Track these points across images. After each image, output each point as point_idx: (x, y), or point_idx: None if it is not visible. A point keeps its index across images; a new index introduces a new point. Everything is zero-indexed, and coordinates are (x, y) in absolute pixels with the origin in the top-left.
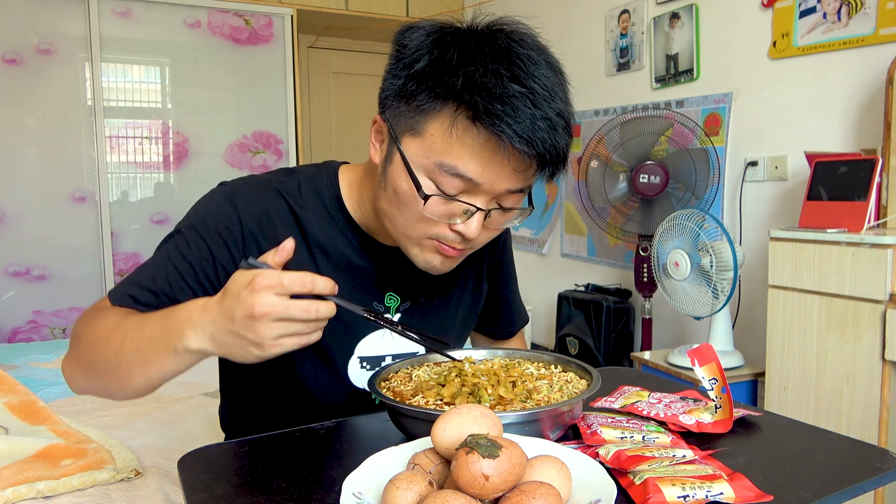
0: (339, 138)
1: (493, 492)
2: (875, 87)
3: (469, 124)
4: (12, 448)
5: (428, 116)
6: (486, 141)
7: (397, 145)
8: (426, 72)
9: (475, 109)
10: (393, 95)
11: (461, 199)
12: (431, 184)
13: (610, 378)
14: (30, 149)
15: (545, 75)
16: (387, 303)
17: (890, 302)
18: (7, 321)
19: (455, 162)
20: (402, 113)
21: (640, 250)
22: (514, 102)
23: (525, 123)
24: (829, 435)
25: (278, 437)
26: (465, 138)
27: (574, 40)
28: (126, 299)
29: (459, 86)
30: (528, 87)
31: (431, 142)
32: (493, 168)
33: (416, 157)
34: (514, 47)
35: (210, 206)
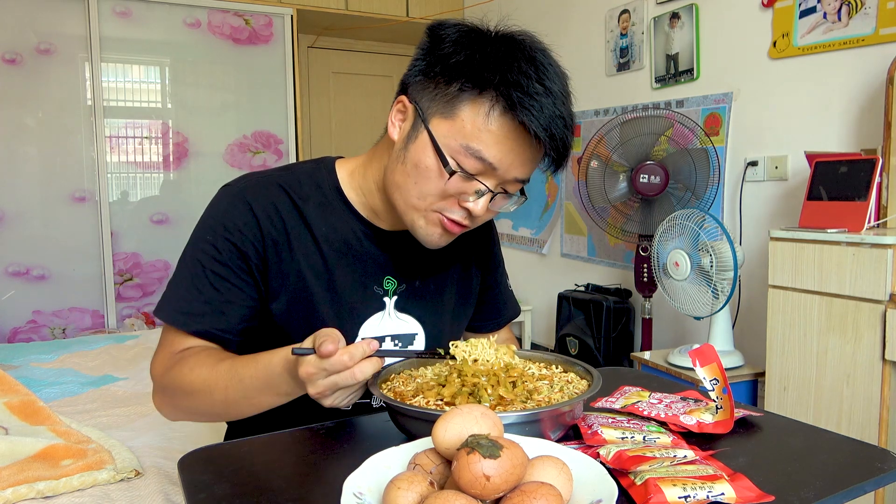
0: (339, 138)
1: (494, 492)
2: (875, 87)
3: (502, 113)
4: (12, 448)
5: (463, 103)
6: (512, 130)
7: (426, 125)
8: (466, 64)
9: (510, 101)
10: (424, 80)
11: (478, 179)
12: (453, 162)
13: (610, 378)
14: (30, 149)
15: (560, 82)
16: (385, 286)
17: (890, 302)
18: (7, 321)
19: (481, 146)
20: (433, 97)
21: (640, 250)
22: (540, 100)
23: (548, 118)
24: (830, 435)
25: (278, 437)
26: (494, 126)
27: (574, 40)
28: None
29: (498, 80)
30: (549, 89)
31: (461, 125)
32: (511, 155)
33: (444, 136)
34: (538, 55)
35: (224, 208)
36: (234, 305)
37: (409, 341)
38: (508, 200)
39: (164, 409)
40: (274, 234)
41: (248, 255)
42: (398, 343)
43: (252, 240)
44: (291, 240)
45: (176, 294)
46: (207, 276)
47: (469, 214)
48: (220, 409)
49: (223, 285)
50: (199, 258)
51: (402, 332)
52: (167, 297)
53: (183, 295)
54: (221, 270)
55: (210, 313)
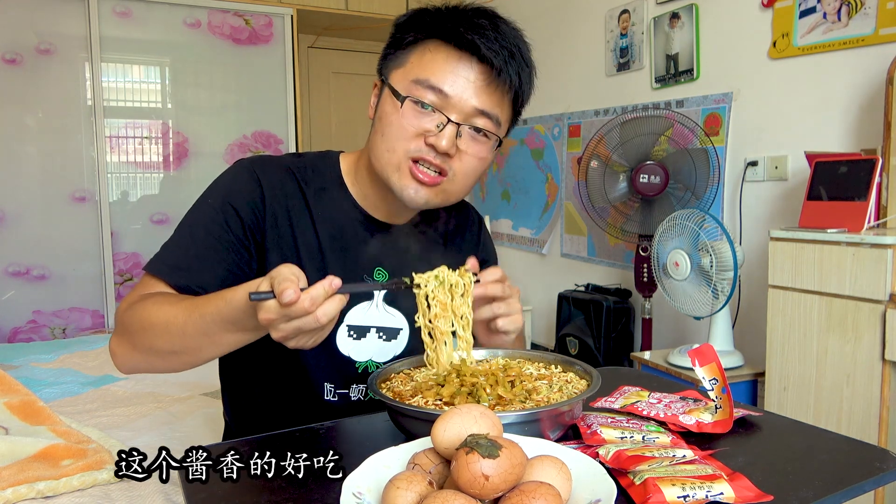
0: (339, 138)
1: (493, 492)
2: (875, 87)
3: (441, 43)
4: (12, 448)
5: (410, 50)
6: (457, 56)
7: (386, 81)
8: (413, 18)
9: (447, 33)
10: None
11: (436, 108)
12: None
13: (610, 378)
14: (30, 149)
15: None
16: (375, 277)
17: (890, 302)
18: (7, 321)
19: (427, 75)
20: (391, 59)
21: (640, 250)
22: (481, 31)
23: (489, 42)
24: (829, 435)
25: (278, 437)
26: (437, 55)
27: (574, 40)
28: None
29: (440, 21)
30: (495, 24)
31: (411, 66)
32: (461, 80)
33: (398, 83)
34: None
35: (234, 177)
36: (220, 266)
37: (393, 335)
38: (481, 141)
39: (120, 351)
40: (276, 208)
41: (245, 220)
42: (382, 335)
43: (253, 207)
44: (292, 217)
45: (165, 250)
46: (201, 238)
47: (436, 151)
48: (178, 344)
49: (214, 248)
50: (197, 218)
51: (388, 325)
52: (158, 253)
53: (172, 252)
54: (217, 232)
55: (195, 269)
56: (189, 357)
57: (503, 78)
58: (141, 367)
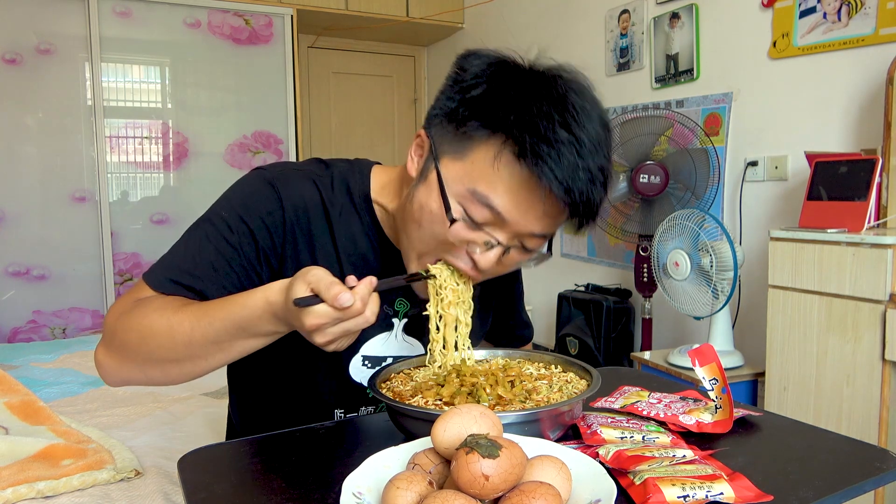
0: (339, 138)
1: (493, 492)
2: (875, 87)
3: (513, 159)
4: (12, 448)
5: (474, 143)
6: (526, 179)
7: (436, 164)
8: (481, 100)
9: (521, 146)
10: (442, 115)
11: (485, 230)
12: (460, 209)
13: (610, 378)
14: (30, 149)
15: (595, 129)
16: (396, 307)
17: (890, 302)
18: (7, 321)
19: (489, 192)
20: (448, 134)
21: (640, 250)
22: (559, 148)
23: (566, 170)
24: (830, 435)
25: (278, 437)
26: (504, 172)
27: (574, 40)
28: (169, 285)
29: (511, 120)
30: (577, 137)
31: (471, 168)
32: (524, 207)
33: (452, 180)
34: (570, 95)
35: (252, 190)
36: (224, 291)
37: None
38: (525, 256)
39: (109, 362)
40: (296, 229)
41: (260, 243)
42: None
43: (271, 229)
44: (314, 237)
45: (170, 261)
46: (209, 252)
47: (475, 265)
48: (182, 352)
49: (223, 266)
50: (207, 231)
51: (405, 354)
52: (159, 262)
53: (177, 265)
54: (226, 251)
55: (195, 289)
56: (192, 366)
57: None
58: (134, 378)
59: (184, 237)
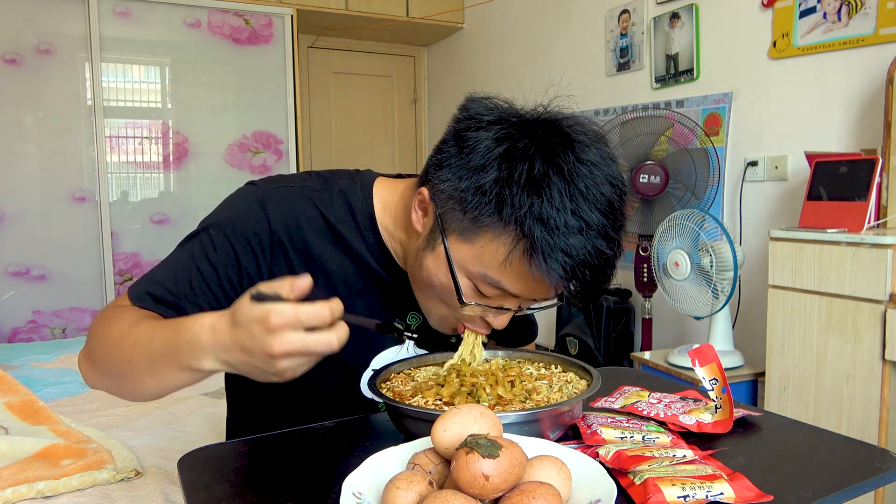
0: (339, 138)
1: (493, 492)
2: (875, 87)
3: (524, 256)
4: (12, 448)
5: (483, 230)
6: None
7: (444, 242)
8: (491, 190)
9: (533, 244)
10: (450, 195)
11: (495, 306)
12: (470, 284)
13: (610, 378)
14: (30, 149)
15: (606, 202)
16: (408, 321)
17: (890, 302)
18: (7, 321)
19: (500, 278)
20: (455, 216)
21: (640, 250)
22: (570, 240)
23: (576, 262)
24: (829, 435)
25: (278, 437)
26: (517, 265)
27: (574, 40)
28: (145, 298)
29: (522, 215)
30: (588, 222)
31: (481, 254)
32: (534, 287)
33: (462, 260)
34: (581, 170)
35: (240, 209)
36: (198, 309)
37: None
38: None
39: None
40: (289, 249)
41: (243, 265)
42: None
43: (256, 252)
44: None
45: (153, 274)
46: (190, 270)
47: (488, 326)
48: (125, 369)
49: (200, 286)
50: (193, 248)
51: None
52: (145, 275)
53: (159, 280)
54: (207, 270)
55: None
56: (132, 386)
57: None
58: (100, 384)
59: (173, 252)
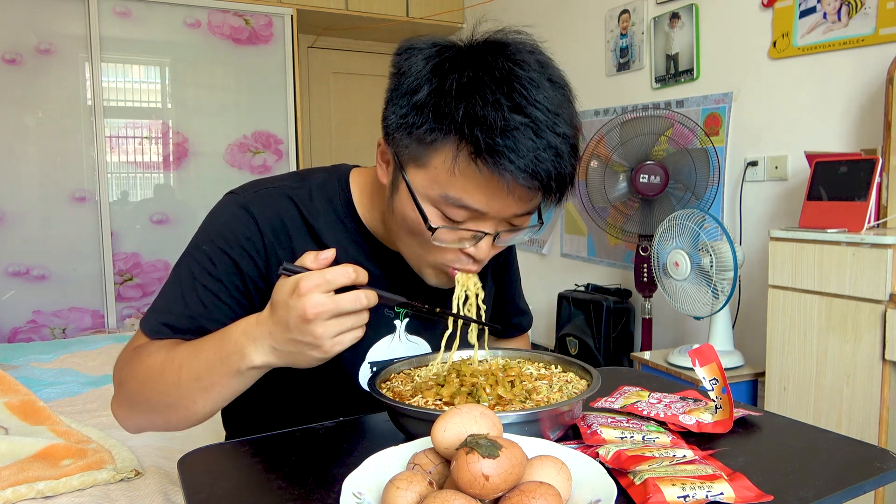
0: (339, 138)
1: (494, 492)
2: (875, 87)
3: (470, 160)
4: (12, 448)
5: (430, 149)
6: (490, 175)
7: (403, 175)
8: (426, 103)
9: (476, 145)
10: (395, 125)
11: (468, 228)
12: (438, 212)
13: (610, 378)
14: (30, 149)
15: (548, 97)
16: (396, 308)
17: (890, 302)
18: (7, 321)
19: (460, 194)
20: (405, 144)
21: (640, 250)
22: (515, 135)
23: (528, 157)
24: (829, 435)
25: (278, 437)
26: (468, 172)
27: (574, 40)
28: (163, 330)
29: (460, 119)
30: (531, 116)
31: (436, 174)
32: (498, 199)
33: (422, 187)
34: (515, 70)
35: (227, 218)
36: (219, 325)
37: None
38: (519, 232)
39: (121, 411)
40: (277, 249)
41: (244, 271)
42: None
43: (253, 255)
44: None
45: (162, 305)
46: (196, 289)
47: (473, 260)
48: (173, 395)
49: (212, 301)
50: (191, 268)
51: (413, 354)
52: (152, 308)
53: (170, 308)
54: (212, 285)
55: (192, 331)
56: (184, 411)
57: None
58: (144, 425)
59: (170, 278)
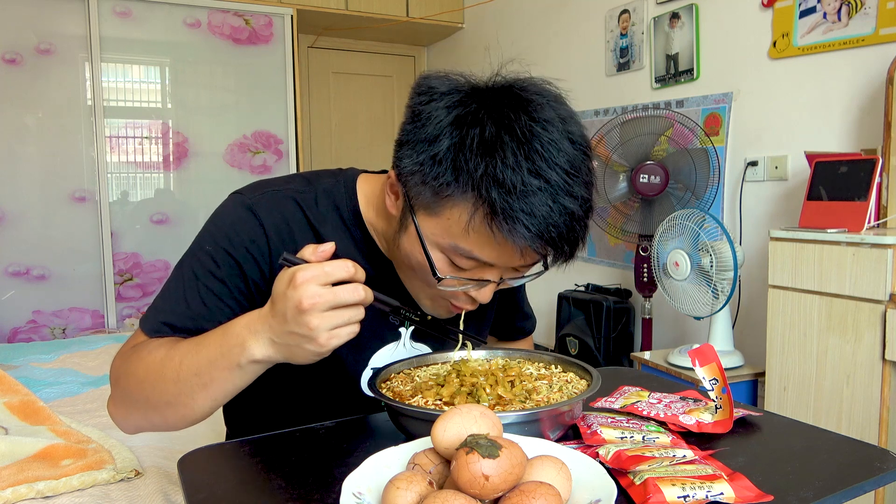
0: (339, 138)
1: (494, 492)
2: (875, 87)
3: (485, 221)
4: (12, 448)
5: (445, 201)
6: (504, 237)
7: (413, 219)
8: (445, 157)
9: (493, 207)
10: (411, 171)
11: (474, 278)
12: (445, 258)
13: (610, 378)
14: (30, 149)
15: (566, 160)
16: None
17: (890, 302)
18: (7, 321)
19: (471, 247)
20: (419, 190)
21: (640, 250)
22: (532, 200)
23: (542, 223)
24: (829, 435)
25: (278, 437)
26: (481, 231)
27: (574, 40)
28: (163, 328)
29: (478, 178)
30: (549, 181)
31: (448, 225)
32: (508, 253)
33: (432, 234)
34: (535, 129)
35: (232, 219)
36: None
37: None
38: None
39: (118, 412)
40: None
41: (248, 274)
42: None
43: (257, 258)
44: None
45: (163, 305)
46: (199, 290)
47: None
48: (172, 393)
49: (215, 303)
50: (194, 268)
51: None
52: (153, 307)
53: (172, 308)
54: (215, 286)
55: (193, 331)
56: (183, 409)
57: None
58: (142, 425)
59: (172, 277)
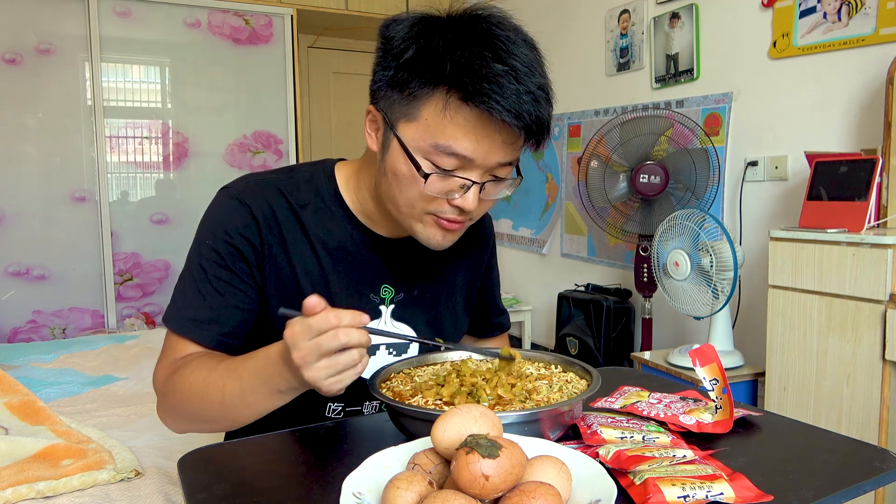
0: (339, 138)
1: (494, 492)
2: (875, 87)
3: (460, 105)
4: (12, 448)
5: (421, 101)
6: (478, 118)
7: (394, 132)
8: (415, 60)
9: (465, 90)
10: (385, 86)
11: (457, 175)
12: (428, 163)
13: (610, 378)
14: (30, 149)
15: (524, 52)
16: (382, 294)
17: (890, 302)
18: (7, 321)
19: (449, 141)
20: (395, 101)
21: (640, 250)
22: (499, 80)
23: (511, 99)
24: (829, 435)
25: (278, 437)
26: (457, 118)
27: (574, 40)
28: (188, 325)
29: (448, 70)
30: (510, 66)
31: (426, 125)
32: (484, 143)
33: (413, 140)
34: (493, 30)
35: (223, 212)
36: (238, 310)
37: (403, 350)
38: (502, 185)
39: (168, 420)
40: (270, 239)
41: (247, 258)
42: (392, 352)
43: (252, 241)
44: (287, 245)
45: (182, 301)
46: (211, 282)
47: (462, 210)
48: (218, 411)
49: (227, 290)
50: (202, 264)
51: (399, 341)
52: (174, 304)
53: (190, 302)
54: (224, 275)
55: (216, 320)
56: (230, 423)
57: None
58: (191, 430)
59: (184, 275)
